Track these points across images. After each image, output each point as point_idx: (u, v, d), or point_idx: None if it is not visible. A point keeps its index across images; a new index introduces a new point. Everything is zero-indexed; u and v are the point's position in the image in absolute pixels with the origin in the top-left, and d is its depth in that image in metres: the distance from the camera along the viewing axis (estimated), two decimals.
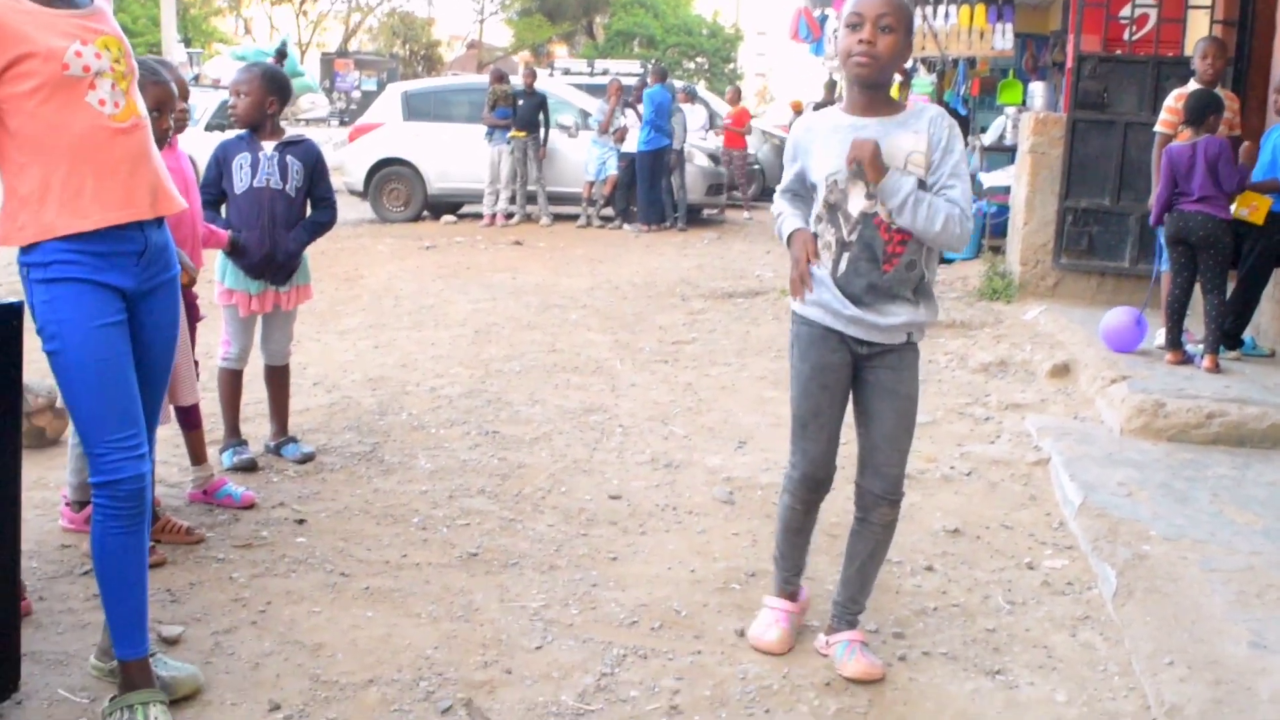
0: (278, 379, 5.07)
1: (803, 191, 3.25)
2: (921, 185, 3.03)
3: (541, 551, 4.04)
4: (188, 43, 32.95)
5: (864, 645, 3.28)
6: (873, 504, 3.24)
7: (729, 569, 3.92)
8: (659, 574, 3.87)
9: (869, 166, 2.99)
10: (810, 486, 3.27)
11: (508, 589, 3.72)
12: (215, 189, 4.78)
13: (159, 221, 2.95)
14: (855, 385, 3.23)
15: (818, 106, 15.91)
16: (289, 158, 4.79)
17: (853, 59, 3.02)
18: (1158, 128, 6.87)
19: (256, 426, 5.25)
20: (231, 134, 4.90)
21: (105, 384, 2.78)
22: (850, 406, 3.27)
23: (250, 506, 4.37)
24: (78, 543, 3.92)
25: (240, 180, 4.74)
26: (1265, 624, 3.40)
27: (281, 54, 5.26)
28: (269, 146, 4.77)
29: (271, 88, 4.77)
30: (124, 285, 2.84)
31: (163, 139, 3.65)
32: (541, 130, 14.79)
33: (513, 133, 14.58)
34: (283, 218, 4.75)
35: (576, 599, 3.66)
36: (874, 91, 3.11)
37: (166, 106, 3.66)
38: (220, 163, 4.76)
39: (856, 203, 3.06)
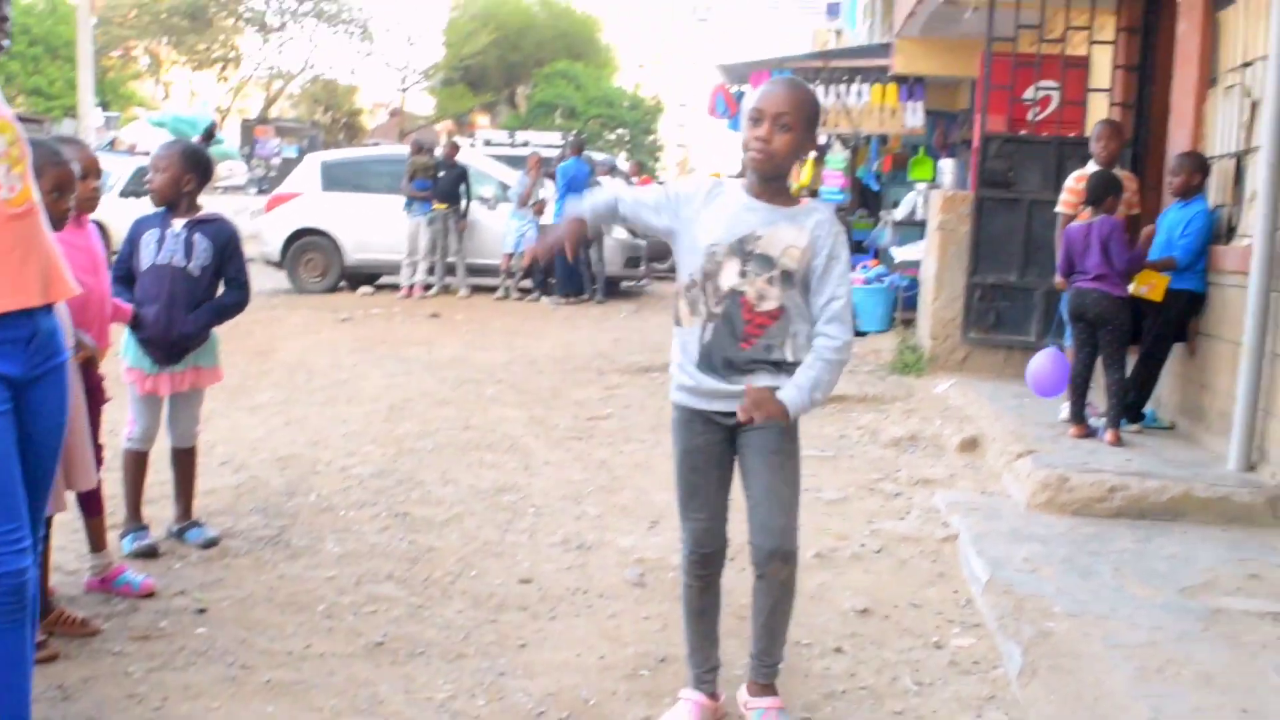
0: (183, 461, 4.97)
1: (617, 211, 3.39)
2: (788, 276, 3.12)
3: (449, 639, 3.99)
4: (105, 106, 32.63)
5: (781, 711, 3.31)
6: (764, 560, 3.24)
7: (638, 654, 3.90)
8: (568, 661, 3.84)
9: (771, 415, 3.09)
10: (698, 561, 3.31)
11: (414, 679, 3.66)
12: (126, 265, 4.73)
13: (48, 307, 2.90)
14: (737, 451, 3.29)
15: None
16: (197, 235, 4.73)
17: (749, 152, 3.13)
18: (1059, 208, 7.07)
19: (160, 509, 5.14)
20: (150, 210, 4.82)
21: None
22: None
23: (150, 595, 4.26)
24: None
25: (145, 256, 4.69)
26: (1165, 700, 3.44)
27: (209, 135, 5.20)
28: (178, 224, 4.72)
29: (190, 165, 4.73)
30: (10, 373, 2.79)
31: (63, 220, 3.61)
32: (463, 202, 14.84)
33: (435, 204, 14.61)
34: (183, 297, 4.67)
35: (484, 689, 3.61)
36: (769, 182, 3.20)
37: (67, 188, 3.60)
38: (132, 239, 4.72)
39: (729, 278, 3.14)
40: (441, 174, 14.75)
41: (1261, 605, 4.24)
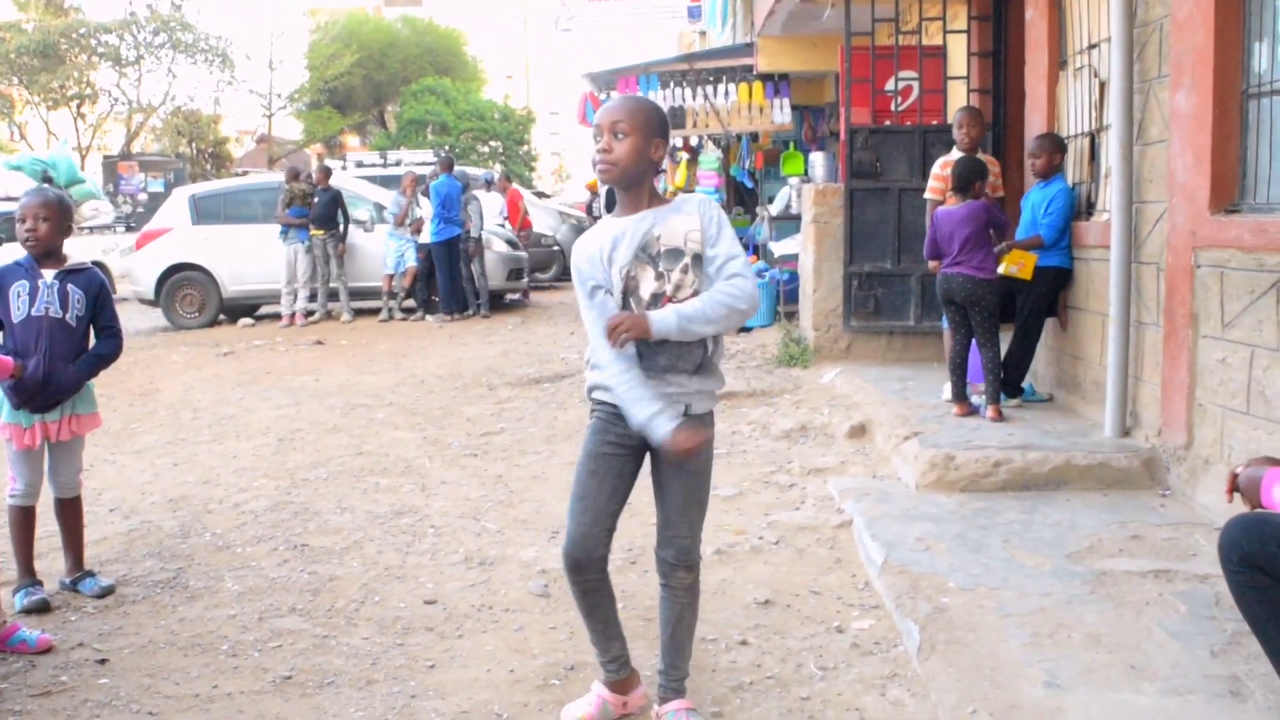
0: (69, 511, 4.86)
1: (602, 302, 3.27)
2: (697, 259, 3.20)
3: (358, 667, 3.97)
4: None
5: (691, 711, 3.37)
6: (669, 571, 3.37)
7: (548, 665, 3.93)
8: (478, 677, 3.85)
9: (636, 331, 3.13)
10: (571, 566, 3.36)
11: (324, 710, 3.64)
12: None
13: None
14: (653, 461, 3.35)
15: (610, 189, 16.19)
16: (70, 286, 4.64)
17: (598, 167, 3.22)
18: (927, 194, 7.28)
19: (50, 562, 5.02)
20: (6, 259, 4.70)
21: None
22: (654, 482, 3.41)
23: (48, 650, 4.15)
24: None
25: (18, 308, 4.56)
26: (1058, 663, 3.57)
27: (48, 178, 5.08)
28: (49, 274, 4.61)
29: (66, 215, 4.66)
30: None
31: None
32: (340, 226, 14.72)
33: (312, 231, 14.46)
34: (62, 347, 4.58)
35: (396, 713, 3.61)
36: (636, 191, 3.26)
37: None
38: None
39: (648, 286, 3.21)
40: (315, 199, 14.60)
41: (1143, 565, 4.41)
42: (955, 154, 7.12)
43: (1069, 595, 4.12)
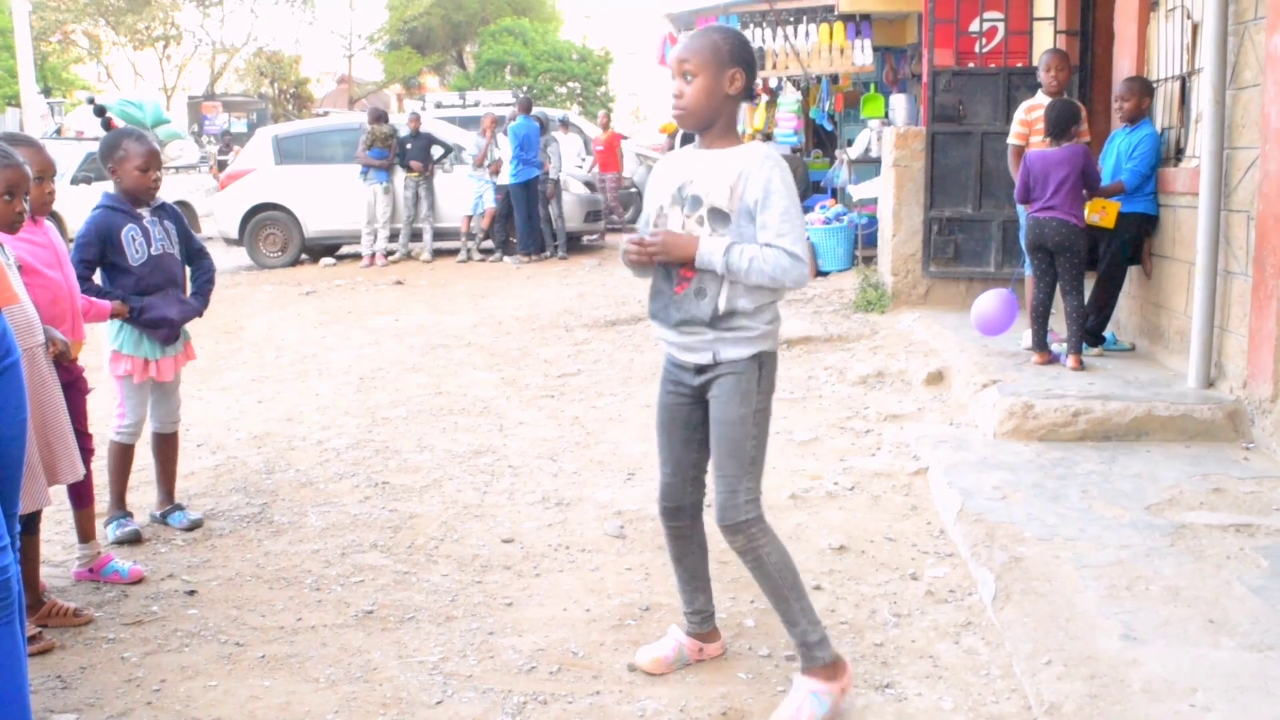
0: (167, 446, 5.01)
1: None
2: (716, 213, 3.11)
3: (437, 603, 4.06)
4: (48, 93, 32.12)
5: (814, 695, 3.16)
6: (720, 531, 3.24)
7: (623, 605, 3.98)
8: (554, 616, 3.92)
9: (677, 258, 3.10)
10: (664, 513, 3.42)
11: (405, 644, 3.73)
12: (96, 264, 4.64)
13: None
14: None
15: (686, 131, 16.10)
16: (166, 222, 4.81)
17: (673, 113, 3.19)
18: (1011, 139, 7.14)
19: (141, 495, 5.18)
20: (98, 205, 4.70)
21: None
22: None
23: (139, 581, 4.31)
24: None
25: (137, 251, 4.65)
26: (1134, 615, 3.55)
27: (100, 111, 5.14)
28: (146, 214, 4.73)
29: None
30: None
31: (17, 222, 3.60)
32: (436, 164, 14.98)
33: (410, 171, 14.68)
34: (180, 280, 4.83)
35: (474, 649, 3.69)
36: (709, 130, 3.19)
37: (19, 189, 3.59)
38: (104, 238, 4.60)
39: (675, 227, 3.19)
40: (410, 145, 14.84)
41: (1224, 519, 4.36)
42: (1039, 98, 6.98)
43: (1147, 547, 4.09)
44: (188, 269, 4.97)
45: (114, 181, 4.68)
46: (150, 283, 4.68)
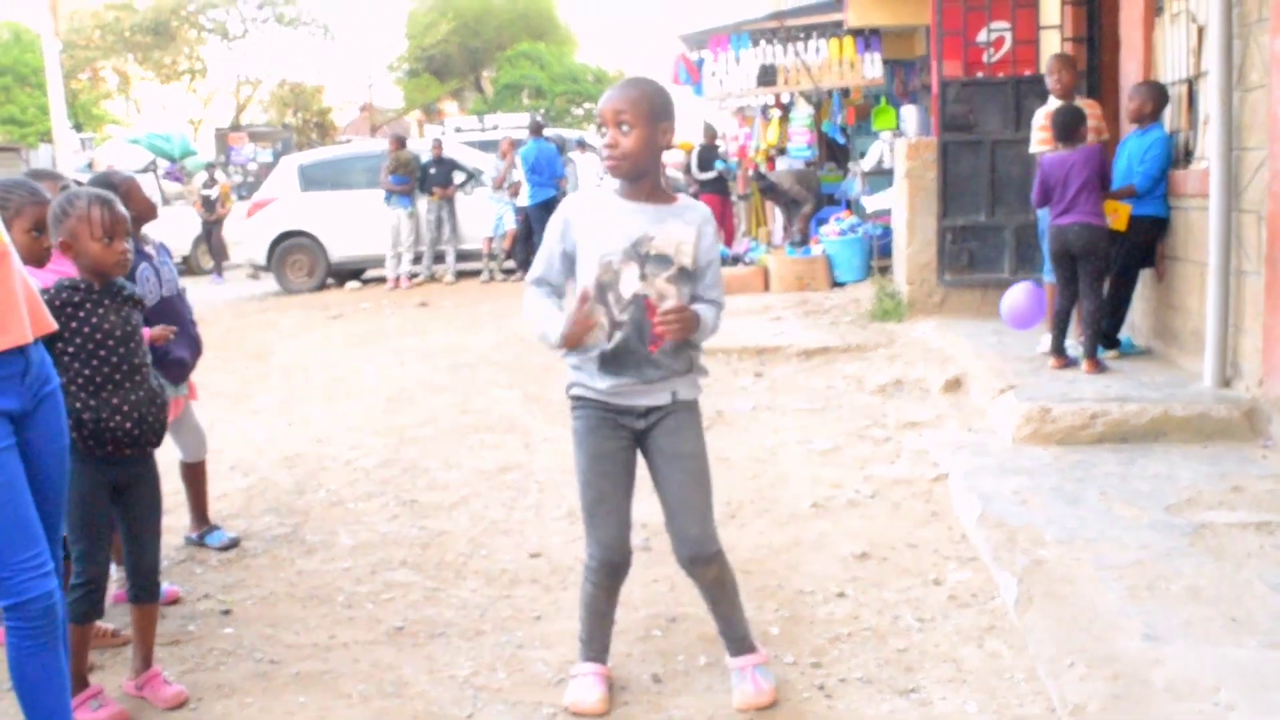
0: (195, 474, 5.11)
1: (558, 280, 3.32)
2: (684, 273, 3.20)
3: (466, 618, 4.14)
4: (79, 128, 32.45)
5: (759, 668, 3.38)
6: (688, 566, 3.34)
7: (650, 616, 4.05)
8: None
9: (687, 334, 3.18)
10: (609, 573, 3.37)
11: (435, 659, 3.81)
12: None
13: (36, 340, 2.99)
14: (646, 456, 3.34)
15: (703, 148, 16.22)
16: (173, 263, 4.88)
17: (605, 163, 3.18)
18: (1035, 147, 7.15)
19: (176, 519, 5.28)
20: None
21: (4, 508, 2.82)
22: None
23: (175, 601, 4.39)
24: None
25: (150, 291, 4.63)
26: (1156, 615, 3.57)
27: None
28: (154, 253, 4.74)
29: None
30: (10, 408, 2.89)
31: (44, 257, 3.63)
32: (456, 188, 15.14)
33: (432, 195, 14.86)
34: (186, 322, 4.77)
35: (504, 663, 3.76)
36: (642, 181, 3.21)
37: (46, 225, 3.59)
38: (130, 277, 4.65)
39: (629, 284, 3.17)
40: (432, 170, 15.01)
41: (1244, 517, 4.38)
42: (1053, 103, 7.02)
43: (1167, 548, 4.12)
44: None
45: None
46: (167, 321, 4.61)
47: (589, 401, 3.28)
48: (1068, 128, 6.50)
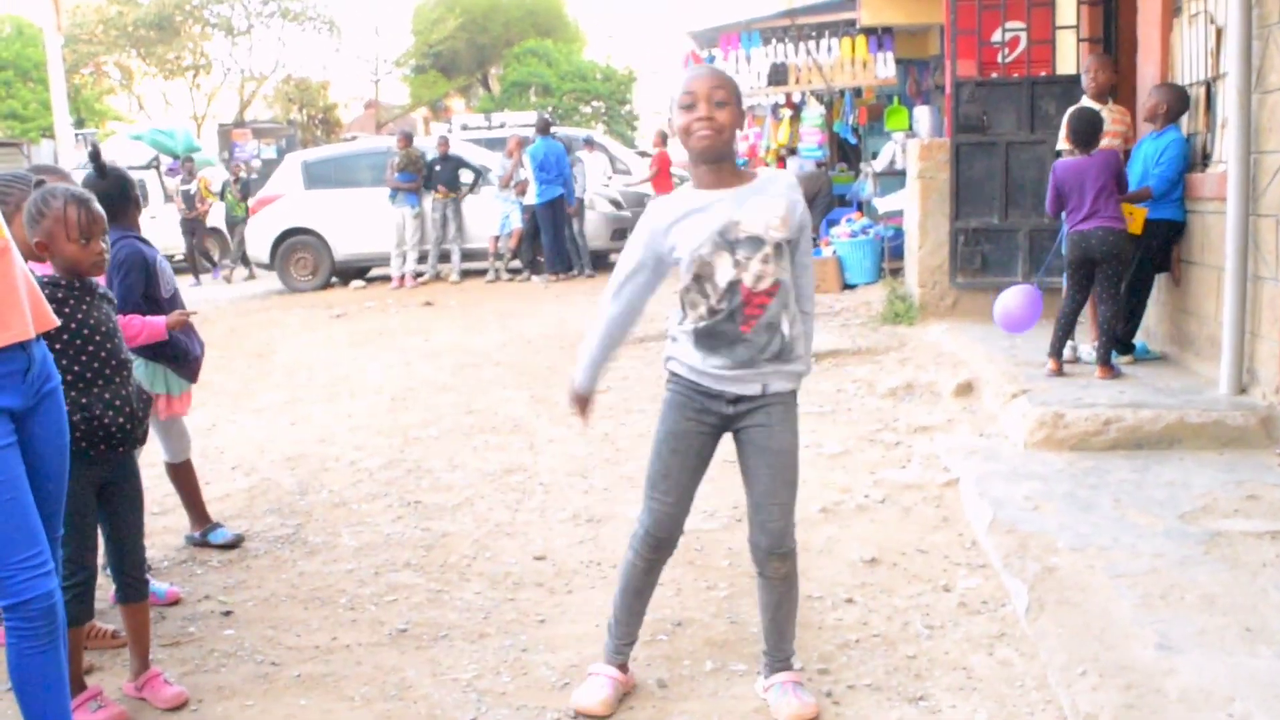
0: (182, 475, 5.03)
1: (652, 273, 3.30)
2: (779, 248, 3.16)
3: (470, 621, 4.09)
4: (80, 124, 32.48)
5: (798, 685, 3.35)
6: (763, 560, 3.31)
7: (655, 620, 3.98)
8: (587, 632, 3.93)
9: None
10: (653, 545, 3.37)
11: (439, 662, 3.76)
12: (145, 291, 4.54)
13: (37, 337, 2.95)
14: (736, 444, 3.33)
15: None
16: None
17: (695, 135, 3.12)
18: (1062, 145, 7.04)
19: (177, 519, 5.24)
20: (118, 238, 4.42)
21: (4, 507, 2.78)
22: (736, 467, 3.38)
23: (176, 602, 4.36)
24: None
25: (167, 286, 4.62)
26: (1170, 624, 3.53)
27: (94, 156, 4.98)
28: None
29: None
30: (12, 405, 2.85)
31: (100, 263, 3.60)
32: (463, 188, 15.06)
33: (437, 194, 14.79)
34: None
35: (508, 666, 3.71)
36: (720, 163, 3.19)
37: None
38: (150, 266, 4.55)
39: (724, 273, 3.15)
40: (439, 168, 14.99)
41: (1259, 525, 4.33)
42: (1086, 103, 6.92)
43: (1182, 556, 4.06)
44: None
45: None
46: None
47: (681, 379, 3.30)
48: (1086, 133, 6.42)
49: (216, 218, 19.02)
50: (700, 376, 3.24)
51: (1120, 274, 6.36)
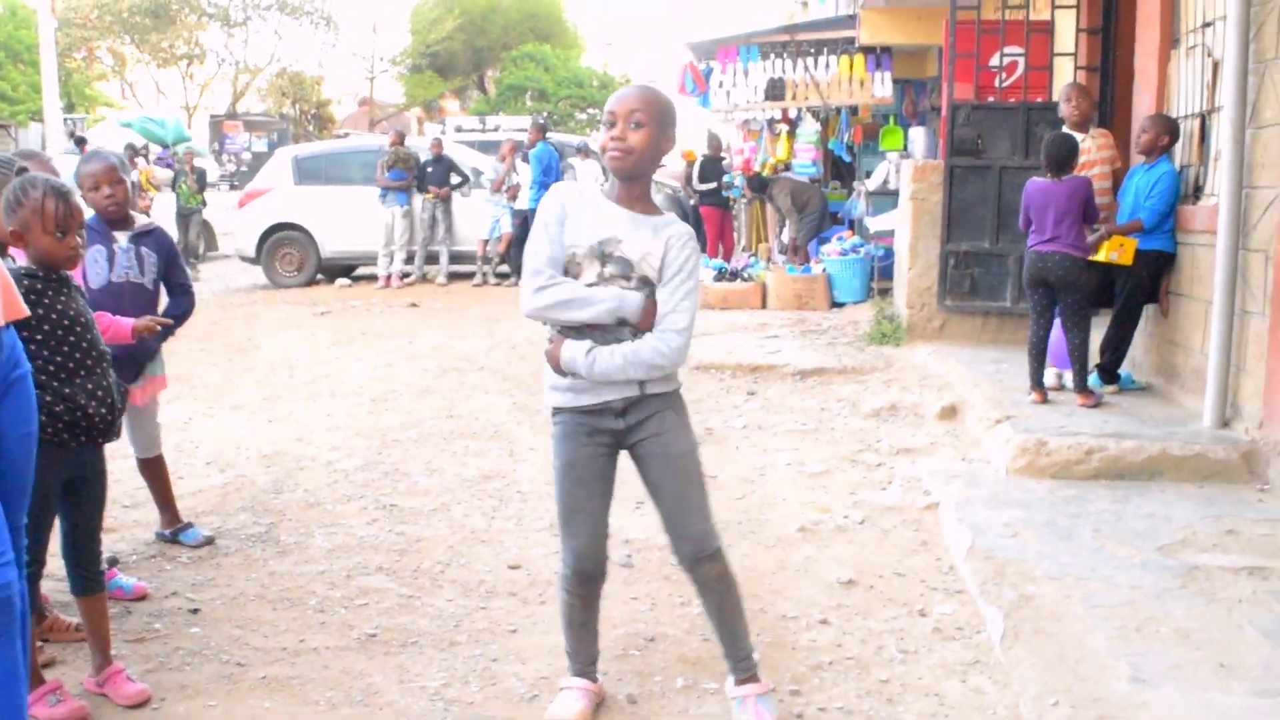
0: (153, 469, 4.97)
1: (560, 262, 3.19)
2: (645, 282, 3.14)
3: (441, 628, 4.04)
4: (70, 108, 32.38)
5: (762, 698, 3.31)
6: (693, 566, 3.29)
7: (627, 635, 3.95)
8: (558, 644, 3.84)
9: (553, 363, 3.17)
10: (582, 580, 3.32)
11: (407, 669, 3.71)
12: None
13: (7, 324, 2.91)
14: (635, 461, 3.29)
15: (706, 159, 16.15)
16: (144, 249, 4.67)
17: (608, 153, 3.13)
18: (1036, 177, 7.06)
19: (146, 513, 5.18)
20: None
21: None
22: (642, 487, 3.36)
23: (142, 598, 4.29)
24: None
25: (97, 275, 4.52)
26: (1144, 658, 3.51)
27: (80, 140, 4.96)
28: (123, 238, 4.62)
29: (126, 177, 4.64)
30: None
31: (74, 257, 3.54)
32: (447, 188, 15.07)
33: (428, 194, 14.75)
34: (143, 312, 4.53)
35: (477, 675, 3.67)
36: (632, 184, 3.19)
37: None
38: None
39: (587, 280, 3.14)
40: (430, 169, 14.96)
41: (1237, 561, 4.32)
42: (1065, 130, 6.94)
43: (1159, 589, 4.04)
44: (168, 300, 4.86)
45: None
46: (104, 309, 4.38)
47: (563, 410, 3.27)
48: (1059, 159, 6.43)
49: (164, 212, 18.34)
50: (579, 397, 3.20)
51: (1081, 301, 6.37)
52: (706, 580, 3.30)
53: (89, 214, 4.49)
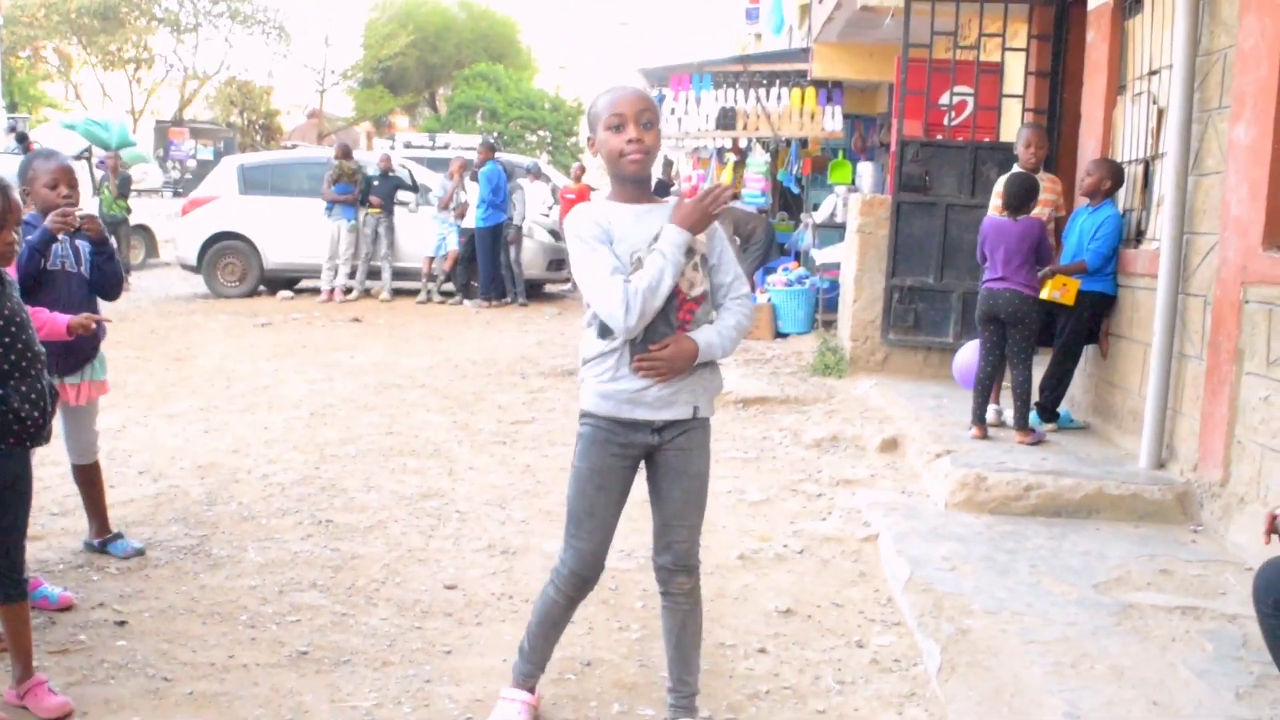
0: (89, 476, 4.85)
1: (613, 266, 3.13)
2: (704, 259, 3.19)
3: (374, 647, 3.98)
4: (13, 108, 31.84)
5: None
6: (668, 577, 3.29)
7: (564, 659, 3.90)
8: (494, 666, 3.84)
9: (676, 370, 3.13)
10: (577, 584, 3.32)
11: (339, 689, 3.64)
12: (34, 275, 4.42)
13: None
14: (649, 468, 3.29)
15: (658, 182, 16.19)
16: (77, 240, 4.58)
17: (626, 158, 3.09)
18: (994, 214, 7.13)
19: (75, 520, 5.06)
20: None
21: None
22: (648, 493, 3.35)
23: (68, 608, 4.18)
24: None
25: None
26: (1079, 694, 3.52)
27: (22, 137, 4.88)
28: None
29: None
30: None
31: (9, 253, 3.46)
32: (399, 205, 14.99)
33: (370, 209, 14.62)
34: (80, 301, 4.50)
35: (410, 696, 3.61)
36: (640, 185, 3.20)
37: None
38: (32, 249, 4.39)
39: None
40: (377, 183, 14.88)
41: (1171, 600, 4.36)
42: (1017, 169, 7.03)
43: (1094, 626, 4.08)
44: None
45: (30, 202, 4.49)
46: (40, 299, 4.35)
47: (597, 416, 3.22)
48: (1024, 198, 6.51)
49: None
50: (620, 408, 3.16)
51: (1029, 339, 6.44)
52: (678, 593, 3.30)
53: (32, 211, 4.43)
